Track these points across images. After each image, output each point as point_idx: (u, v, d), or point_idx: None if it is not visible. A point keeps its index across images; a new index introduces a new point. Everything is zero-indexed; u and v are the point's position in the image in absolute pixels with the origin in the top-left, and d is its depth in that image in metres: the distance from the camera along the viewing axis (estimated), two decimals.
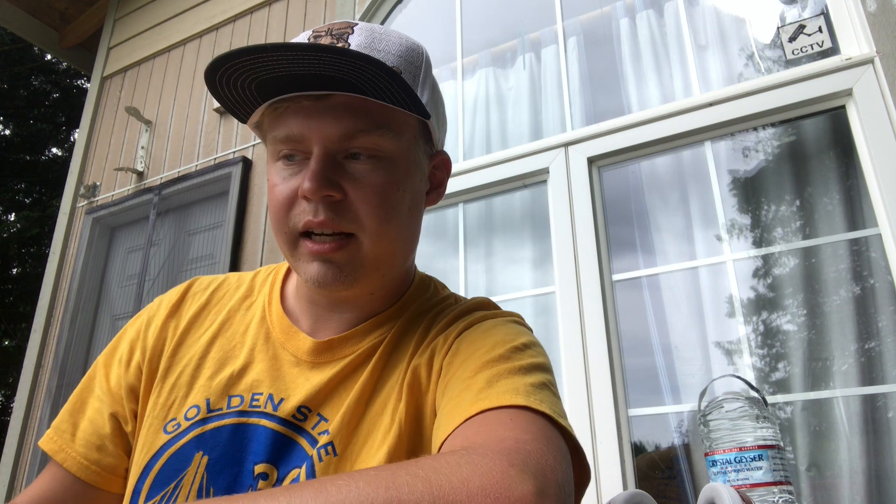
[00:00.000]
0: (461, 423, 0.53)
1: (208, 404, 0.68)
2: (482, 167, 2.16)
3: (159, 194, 2.91)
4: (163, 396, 0.70)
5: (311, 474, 0.62)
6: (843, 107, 1.70)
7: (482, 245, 2.20)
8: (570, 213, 1.92)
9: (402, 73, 0.65)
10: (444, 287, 0.81)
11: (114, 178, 3.17)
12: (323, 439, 0.64)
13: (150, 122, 3.17)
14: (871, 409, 1.51)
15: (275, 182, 0.66)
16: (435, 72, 2.60)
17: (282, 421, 0.65)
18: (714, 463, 0.95)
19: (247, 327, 0.74)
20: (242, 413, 0.67)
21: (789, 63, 1.83)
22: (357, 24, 0.68)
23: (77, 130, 4.47)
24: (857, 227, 1.65)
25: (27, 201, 9.20)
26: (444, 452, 0.45)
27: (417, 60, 0.69)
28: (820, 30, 1.79)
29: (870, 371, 1.54)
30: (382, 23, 2.67)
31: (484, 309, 0.75)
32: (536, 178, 2.09)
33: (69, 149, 9.17)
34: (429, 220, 2.32)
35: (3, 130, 9.49)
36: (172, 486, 0.64)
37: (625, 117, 1.99)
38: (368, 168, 0.64)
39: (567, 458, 0.51)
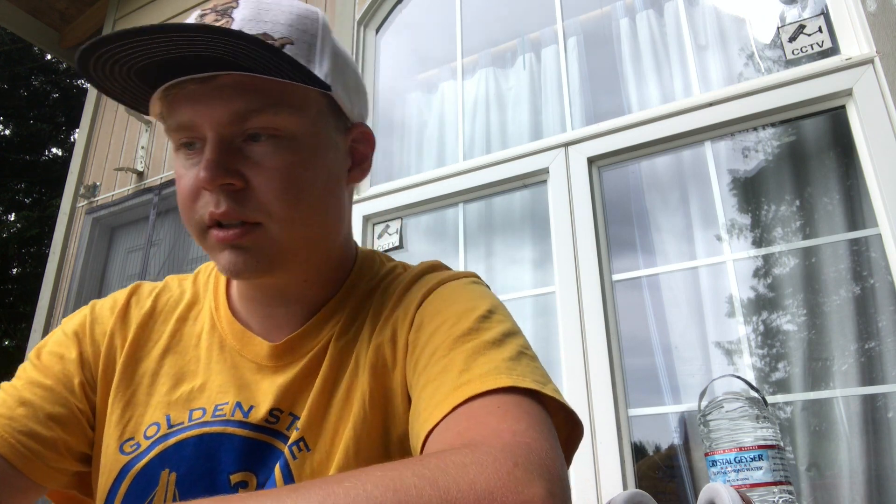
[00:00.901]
0: (449, 413, 0.51)
1: (168, 420, 0.65)
2: (482, 167, 2.16)
3: (159, 194, 2.91)
4: (116, 414, 0.66)
5: (287, 472, 0.61)
6: (843, 107, 1.70)
7: (482, 245, 2.20)
8: (570, 214, 1.92)
9: (293, 43, 0.61)
10: (389, 259, 0.77)
11: (114, 178, 3.17)
12: (293, 435, 0.62)
13: (150, 122, 3.17)
14: (871, 409, 1.51)
15: (179, 173, 0.62)
16: (434, 72, 2.61)
17: (254, 427, 0.63)
18: (714, 463, 0.96)
19: (198, 339, 0.71)
20: (205, 424, 0.64)
21: (789, 63, 1.83)
22: None
23: (77, 130, 4.47)
24: (857, 227, 1.65)
25: (27, 201, 9.20)
26: (448, 451, 0.44)
27: (312, 28, 0.63)
28: (820, 30, 1.79)
29: (870, 371, 1.54)
30: (382, 23, 2.66)
31: (435, 271, 0.72)
32: (536, 178, 2.09)
33: (69, 149, 9.16)
34: (429, 220, 2.32)
35: (3, 130, 9.51)
36: None
37: (625, 117, 1.99)
38: (269, 150, 0.59)
39: (556, 438, 0.50)
